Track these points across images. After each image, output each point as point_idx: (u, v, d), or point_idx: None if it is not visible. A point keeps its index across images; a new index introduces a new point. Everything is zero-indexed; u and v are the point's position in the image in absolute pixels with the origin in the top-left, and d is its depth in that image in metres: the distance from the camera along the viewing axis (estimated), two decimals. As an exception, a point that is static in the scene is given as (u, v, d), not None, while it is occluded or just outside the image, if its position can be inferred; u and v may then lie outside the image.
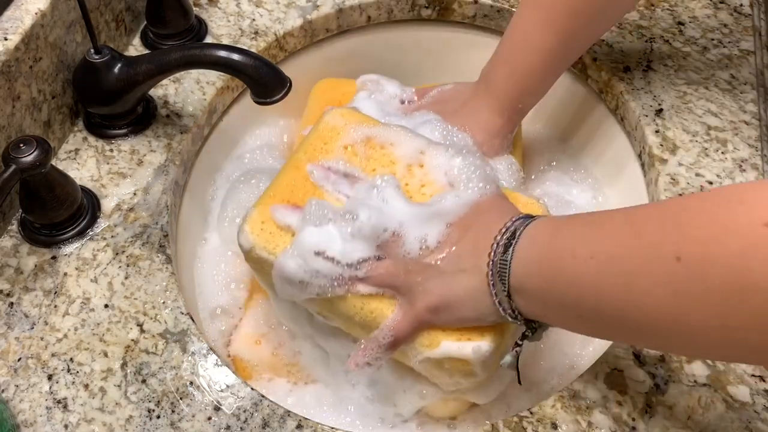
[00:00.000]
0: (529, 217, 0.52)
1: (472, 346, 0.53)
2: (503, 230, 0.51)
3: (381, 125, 0.63)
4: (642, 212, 0.45)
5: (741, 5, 0.82)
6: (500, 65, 0.69)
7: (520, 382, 0.56)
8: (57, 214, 0.61)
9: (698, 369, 0.56)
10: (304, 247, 0.55)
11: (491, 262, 0.50)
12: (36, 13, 0.62)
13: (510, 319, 0.51)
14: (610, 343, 0.58)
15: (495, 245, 0.51)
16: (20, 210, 0.63)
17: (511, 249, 0.50)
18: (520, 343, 0.53)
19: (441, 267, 0.53)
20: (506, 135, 0.70)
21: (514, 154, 0.71)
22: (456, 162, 0.58)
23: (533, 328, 0.52)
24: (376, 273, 0.55)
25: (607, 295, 0.44)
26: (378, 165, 0.60)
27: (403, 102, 0.74)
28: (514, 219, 0.52)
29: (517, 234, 0.50)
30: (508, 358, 0.54)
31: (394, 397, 0.62)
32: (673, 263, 0.40)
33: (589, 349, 0.66)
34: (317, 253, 0.55)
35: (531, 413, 0.54)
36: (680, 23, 0.81)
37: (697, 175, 0.68)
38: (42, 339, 0.57)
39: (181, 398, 0.55)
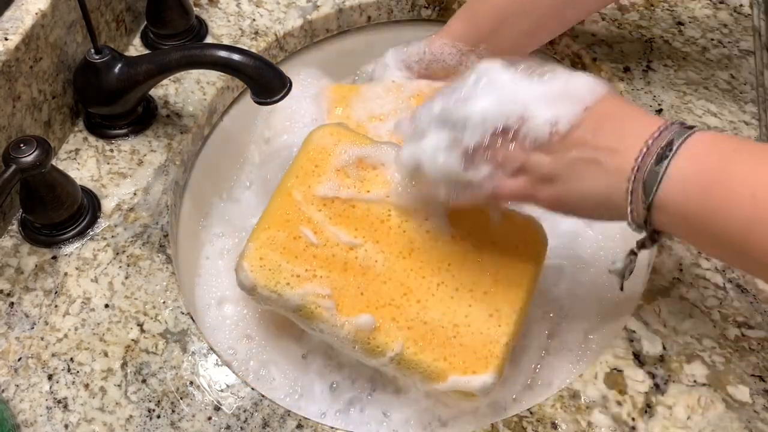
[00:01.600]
0: (686, 126, 0.47)
1: (480, 382, 0.55)
2: (656, 135, 0.46)
3: (371, 144, 0.62)
4: None
5: (741, 5, 0.82)
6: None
7: (622, 288, 0.55)
8: (57, 214, 0.61)
9: (698, 369, 0.56)
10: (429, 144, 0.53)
11: (637, 168, 0.46)
12: (36, 14, 0.62)
13: (634, 227, 0.48)
14: (610, 343, 0.58)
15: (645, 149, 0.46)
16: (20, 210, 0.63)
17: (666, 162, 0.45)
18: (637, 251, 0.51)
19: (571, 156, 0.49)
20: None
21: None
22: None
23: (655, 239, 0.49)
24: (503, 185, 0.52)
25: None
26: (372, 186, 0.60)
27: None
28: (669, 124, 0.47)
29: (675, 146, 0.45)
30: (618, 265, 0.52)
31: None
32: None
33: (590, 349, 0.66)
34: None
35: (531, 413, 0.54)
36: (680, 23, 0.81)
37: (697, 175, 0.68)
38: (42, 339, 0.57)
39: (181, 398, 0.55)
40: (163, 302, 0.60)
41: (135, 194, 0.66)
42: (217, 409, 0.54)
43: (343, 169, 0.61)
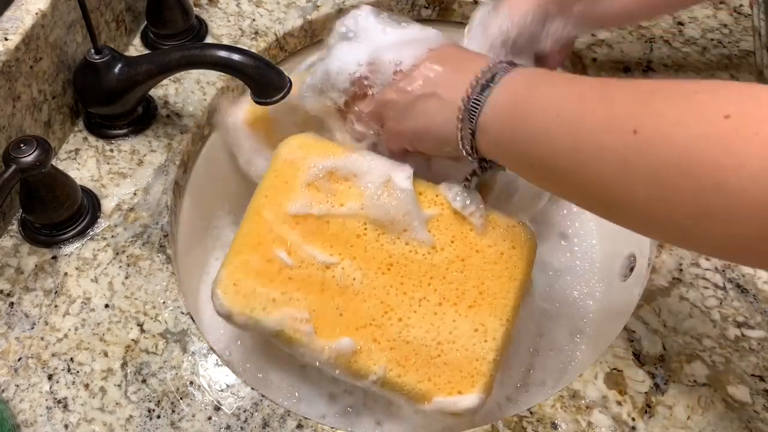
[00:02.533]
0: (513, 64, 0.53)
1: (467, 403, 0.54)
2: (485, 70, 0.52)
3: (342, 155, 0.60)
4: (620, 84, 0.46)
5: (741, 5, 0.82)
6: None
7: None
8: (57, 214, 0.61)
9: (698, 369, 0.56)
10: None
11: (467, 98, 0.52)
12: (36, 14, 0.62)
13: (465, 154, 0.53)
14: (610, 343, 0.58)
15: (474, 82, 0.52)
16: (20, 210, 0.63)
17: (487, 91, 0.51)
18: (470, 178, 0.57)
19: (414, 90, 0.55)
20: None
21: None
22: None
23: (485, 167, 0.55)
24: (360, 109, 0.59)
25: (562, 153, 0.46)
26: (345, 199, 0.58)
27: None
28: (497, 62, 0.53)
29: (497, 78, 0.51)
30: (456, 189, 0.57)
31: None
32: (629, 135, 0.41)
33: (589, 349, 0.66)
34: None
35: (531, 413, 0.54)
36: (680, 23, 0.81)
37: (697, 175, 0.67)
38: (42, 339, 0.57)
39: (181, 398, 0.55)
40: (163, 302, 0.60)
41: (135, 194, 0.66)
42: (217, 409, 0.54)
43: (313, 184, 0.59)
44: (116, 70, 0.66)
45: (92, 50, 0.66)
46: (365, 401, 0.64)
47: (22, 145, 0.56)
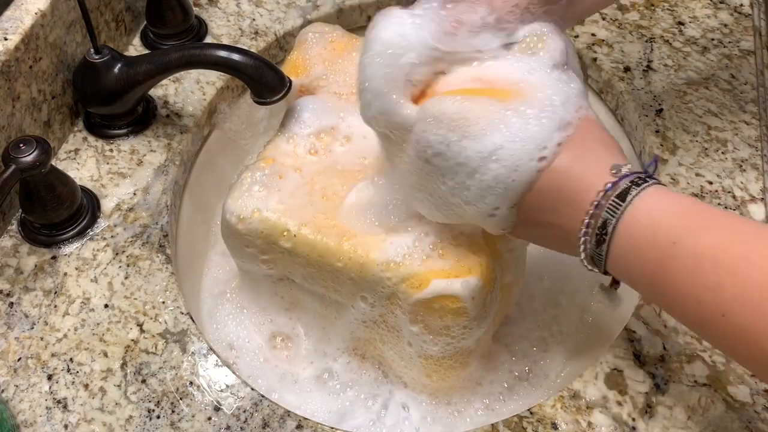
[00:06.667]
0: (639, 178, 0.46)
1: (461, 281, 0.54)
2: (608, 189, 0.45)
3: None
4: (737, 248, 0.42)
5: (741, 5, 0.82)
6: None
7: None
8: (57, 214, 0.61)
9: (698, 369, 0.56)
10: None
11: (587, 224, 0.46)
12: (36, 13, 0.62)
13: (588, 268, 0.48)
14: (610, 343, 0.58)
15: (594, 205, 0.46)
16: (20, 210, 0.63)
17: (610, 230, 0.45)
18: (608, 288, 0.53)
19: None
20: None
21: None
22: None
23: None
24: None
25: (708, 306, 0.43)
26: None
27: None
28: (622, 176, 0.46)
29: (630, 197, 0.45)
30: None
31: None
32: (719, 318, 0.41)
33: (589, 349, 0.66)
34: None
35: (531, 413, 0.54)
36: (680, 23, 0.81)
37: (697, 174, 0.68)
38: (42, 339, 0.57)
39: (181, 398, 0.55)
40: (163, 302, 0.60)
41: (135, 194, 0.66)
42: (217, 409, 0.54)
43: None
44: (116, 70, 0.66)
45: (92, 50, 0.66)
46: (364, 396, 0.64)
47: (21, 145, 0.56)
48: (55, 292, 0.60)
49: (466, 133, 0.47)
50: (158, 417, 0.54)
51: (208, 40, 0.79)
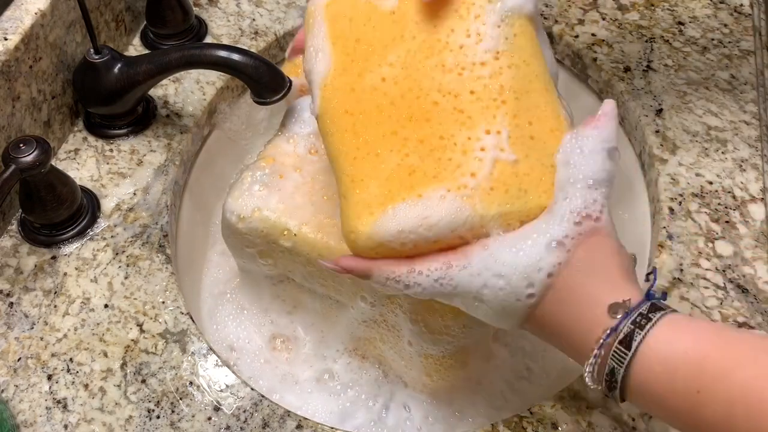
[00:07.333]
0: (642, 316, 0.42)
1: None
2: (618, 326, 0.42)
3: None
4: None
5: (741, 5, 0.82)
6: None
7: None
8: (57, 214, 0.61)
9: (698, 369, 0.56)
10: None
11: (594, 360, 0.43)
12: (36, 13, 0.62)
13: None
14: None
15: (601, 342, 0.42)
16: (20, 210, 0.63)
17: (619, 378, 0.42)
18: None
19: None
20: None
21: None
22: None
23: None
24: None
25: None
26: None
27: None
28: (622, 318, 0.42)
29: (635, 345, 0.41)
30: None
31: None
32: None
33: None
34: None
35: (531, 413, 0.54)
36: (680, 23, 0.81)
37: (697, 175, 0.68)
38: (42, 339, 0.57)
39: (180, 398, 0.55)
40: (163, 302, 0.60)
41: (135, 194, 0.66)
42: (217, 409, 0.54)
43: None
44: (116, 70, 0.66)
45: (92, 50, 0.66)
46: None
47: (21, 145, 0.56)
48: (55, 292, 0.60)
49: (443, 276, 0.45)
50: (158, 417, 0.54)
51: (208, 40, 0.79)
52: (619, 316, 0.42)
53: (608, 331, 0.42)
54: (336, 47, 0.51)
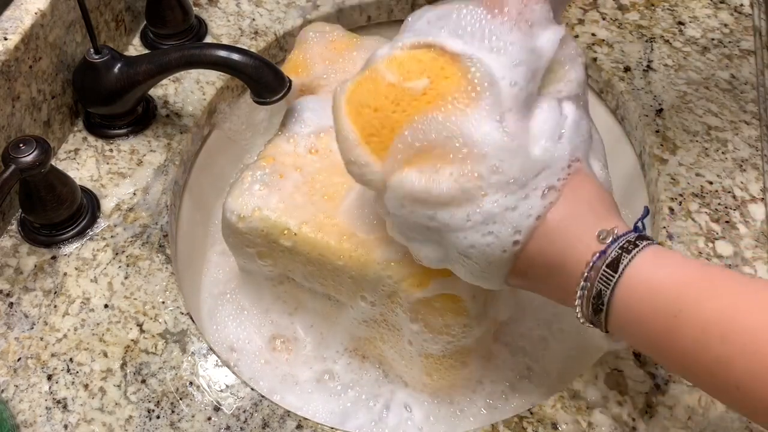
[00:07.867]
0: (629, 242, 0.44)
1: (462, 280, 0.53)
2: (599, 258, 0.44)
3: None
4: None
5: (741, 5, 0.82)
6: None
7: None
8: (57, 214, 0.61)
9: (698, 369, 0.56)
10: None
11: (582, 289, 0.45)
12: (36, 13, 0.62)
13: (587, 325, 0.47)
14: (610, 342, 0.58)
15: (587, 271, 0.44)
16: (20, 210, 0.63)
17: (606, 300, 0.44)
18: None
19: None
20: None
21: None
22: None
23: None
24: None
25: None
26: None
27: None
28: (610, 243, 0.44)
29: (622, 267, 0.43)
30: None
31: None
32: (734, 390, 0.40)
33: (590, 348, 0.66)
34: None
35: (531, 413, 0.54)
36: (680, 23, 0.81)
37: (698, 175, 0.67)
38: (42, 339, 0.57)
39: (180, 398, 0.55)
40: (163, 302, 0.60)
41: (134, 194, 0.66)
42: (217, 409, 0.54)
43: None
44: (116, 69, 0.66)
45: (92, 50, 0.66)
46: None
47: (21, 145, 0.56)
48: (55, 292, 0.60)
49: (434, 217, 0.46)
50: (158, 417, 0.54)
51: (208, 40, 0.79)
52: (608, 241, 0.44)
53: (597, 254, 0.44)
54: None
